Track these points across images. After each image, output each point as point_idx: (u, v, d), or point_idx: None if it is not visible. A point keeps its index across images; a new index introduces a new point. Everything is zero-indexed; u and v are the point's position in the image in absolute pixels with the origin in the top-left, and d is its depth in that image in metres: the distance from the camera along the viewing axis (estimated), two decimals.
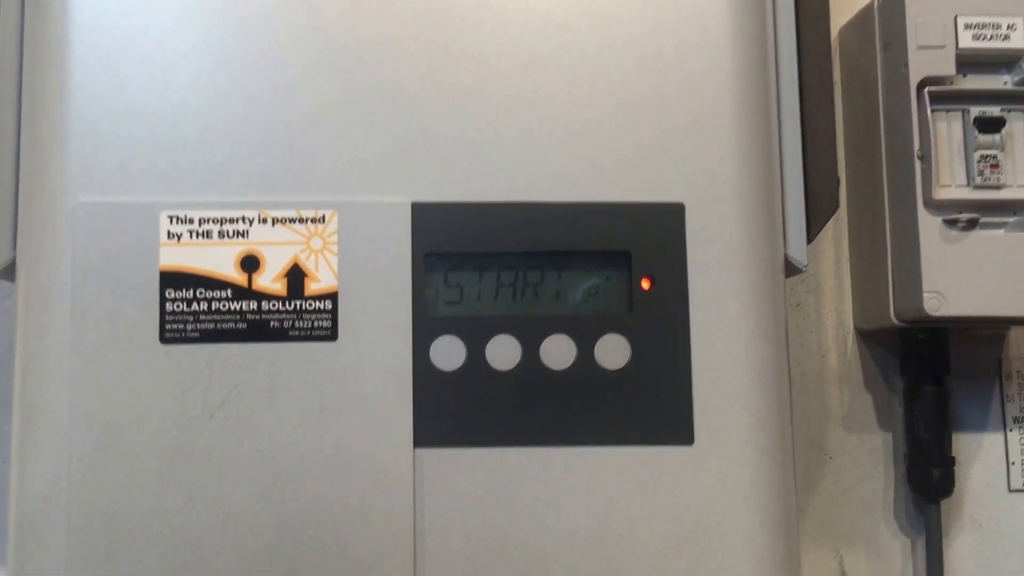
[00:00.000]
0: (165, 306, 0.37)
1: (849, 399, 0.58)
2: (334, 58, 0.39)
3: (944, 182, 0.53)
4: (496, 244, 0.39)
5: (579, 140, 0.39)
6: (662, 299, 0.39)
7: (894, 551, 0.57)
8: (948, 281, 0.51)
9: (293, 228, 0.38)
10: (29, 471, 0.37)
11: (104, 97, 0.38)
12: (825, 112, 0.44)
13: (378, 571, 0.36)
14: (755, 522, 0.38)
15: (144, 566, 0.36)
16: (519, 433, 0.38)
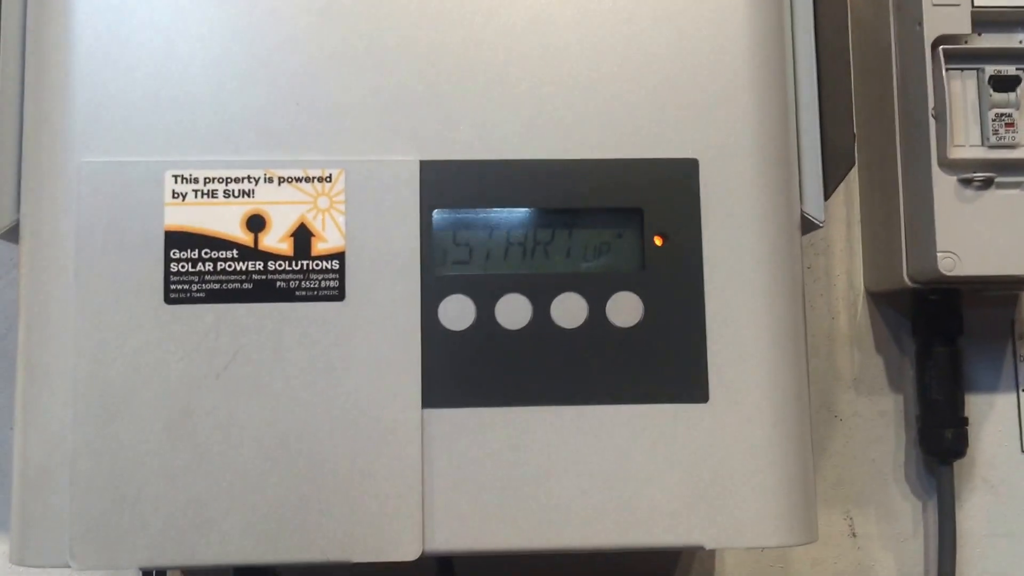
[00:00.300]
0: (170, 266, 0.37)
1: (859, 361, 0.58)
2: (341, 13, 0.38)
3: (959, 141, 0.52)
4: (506, 202, 0.38)
5: (590, 95, 0.38)
6: (675, 256, 0.38)
7: (905, 513, 0.57)
8: (962, 241, 0.51)
9: (299, 187, 0.37)
10: (33, 433, 0.37)
11: (108, 54, 0.37)
12: (841, 65, 0.43)
13: (386, 531, 0.36)
14: (772, 480, 0.37)
15: (150, 527, 0.36)
16: (529, 393, 0.37)
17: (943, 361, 0.55)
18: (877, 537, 0.57)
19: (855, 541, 0.57)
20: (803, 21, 0.42)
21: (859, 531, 0.57)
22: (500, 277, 0.38)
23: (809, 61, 0.42)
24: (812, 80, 0.41)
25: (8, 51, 0.39)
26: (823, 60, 0.42)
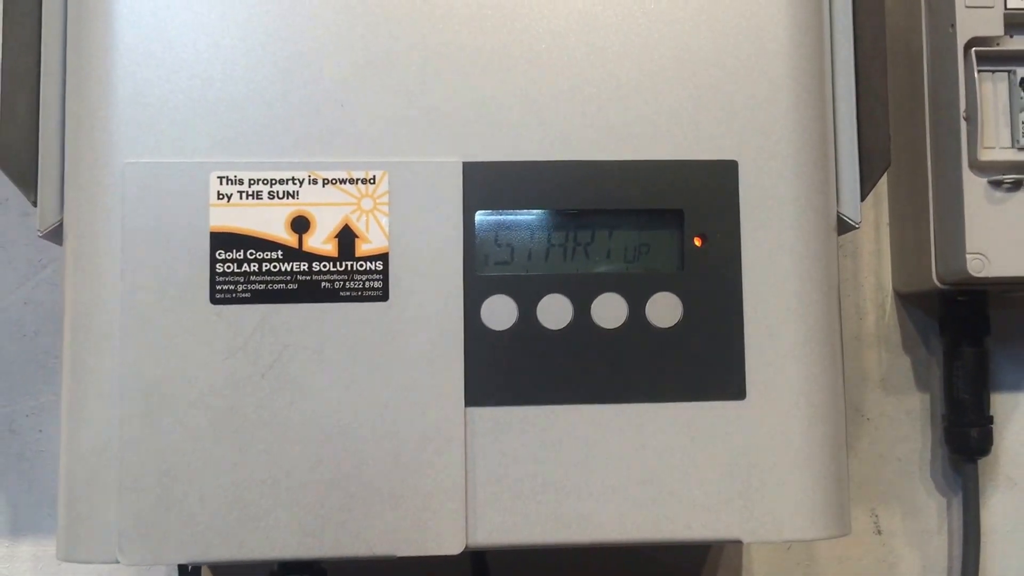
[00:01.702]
0: (215, 267, 0.37)
1: (887, 361, 0.58)
2: (385, 16, 0.38)
3: (989, 143, 0.52)
4: (547, 203, 0.38)
5: (631, 97, 0.39)
6: (714, 257, 0.38)
7: (930, 510, 0.57)
8: (991, 242, 0.51)
9: (343, 189, 0.38)
10: (80, 433, 0.37)
11: (152, 56, 0.38)
12: (878, 67, 0.43)
13: (430, 526, 0.36)
14: (807, 475, 0.38)
15: (197, 523, 0.36)
16: (571, 391, 0.37)
17: (970, 361, 0.56)
18: (902, 534, 0.57)
19: (880, 538, 0.57)
20: (842, 23, 0.42)
21: (884, 528, 0.57)
22: (541, 278, 0.38)
23: (847, 64, 0.42)
24: (850, 82, 0.42)
25: (50, 52, 0.40)
26: (860, 62, 0.42)
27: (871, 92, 0.42)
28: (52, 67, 0.40)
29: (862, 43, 0.42)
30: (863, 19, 0.42)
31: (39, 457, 0.55)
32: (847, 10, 0.42)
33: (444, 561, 0.38)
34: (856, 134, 0.42)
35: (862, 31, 0.42)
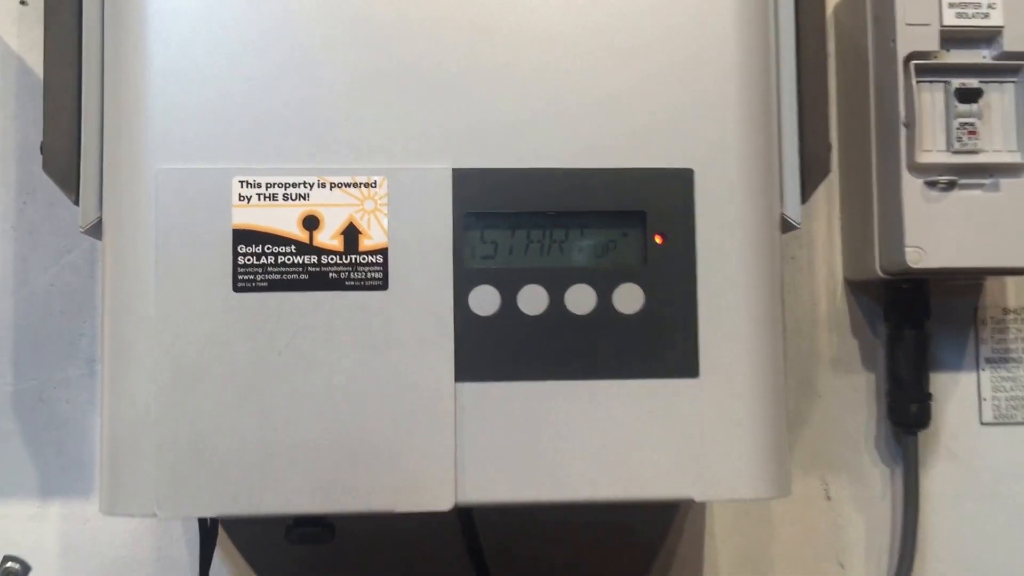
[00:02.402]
0: (237, 260, 0.43)
1: (837, 343, 0.64)
2: (386, 42, 0.44)
3: (926, 147, 0.58)
4: (526, 205, 0.44)
5: (600, 113, 0.44)
6: (673, 253, 0.44)
7: (875, 478, 0.64)
8: (928, 237, 0.57)
9: (348, 192, 0.43)
10: (120, 403, 0.43)
11: (181, 74, 0.43)
12: (819, 85, 0.49)
13: (424, 486, 0.42)
14: (752, 442, 0.44)
15: (224, 482, 0.42)
16: (547, 369, 0.43)
17: (911, 343, 0.62)
18: (849, 499, 0.64)
19: (830, 503, 0.63)
20: (786, 46, 0.48)
21: (833, 494, 0.64)
22: (521, 270, 0.44)
23: (791, 82, 0.47)
24: (793, 100, 0.47)
25: (89, 69, 0.45)
26: (803, 78, 0.48)
27: (813, 106, 0.48)
28: (91, 82, 0.45)
29: (805, 63, 0.48)
30: (806, 41, 0.48)
31: (66, 426, 0.61)
32: (790, 34, 0.47)
33: (437, 519, 0.44)
34: (798, 144, 0.47)
35: (805, 52, 0.48)
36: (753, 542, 0.63)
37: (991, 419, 0.64)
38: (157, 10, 0.43)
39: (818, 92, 0.48)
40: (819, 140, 0.48)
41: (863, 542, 0.63)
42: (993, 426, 0.64)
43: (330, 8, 0.44)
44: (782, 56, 0.48)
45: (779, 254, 0.46)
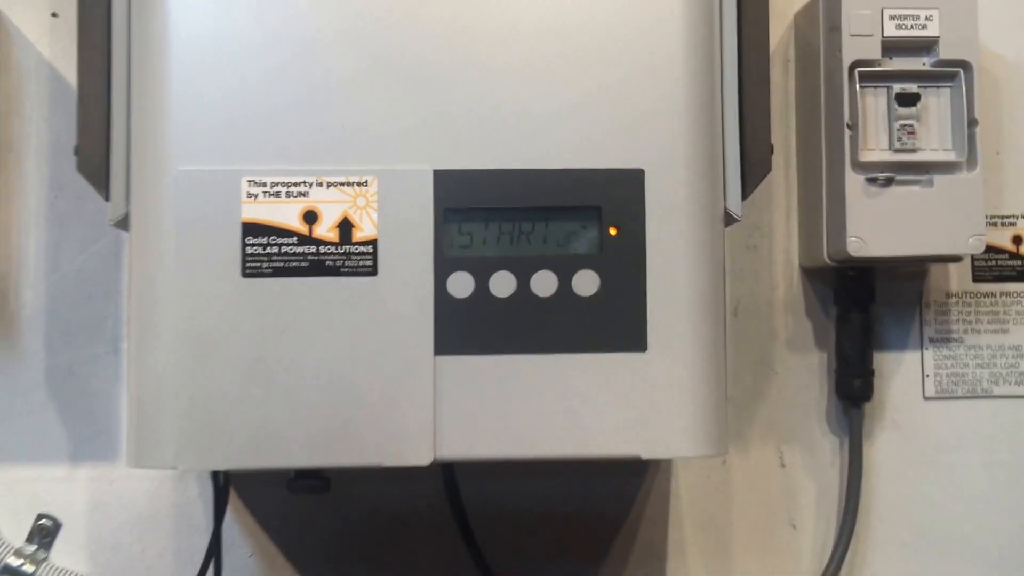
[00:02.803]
0: (246, 249, 0.49)
1: (792, 324, 0.70)
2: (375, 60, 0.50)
3: (870, 147, 0.64)
4: (498, 201, 0.50)
5: (562, 119, 0.50)
6: (625, 243, 0.50)
7: (825, 448, 0.70)
8: (868, 228, 0.63)
9: (343, 190, 0.50)
10: (143, 373, 0.49)
11: (198, 86, 0.49)
12: (760, 92, 0.55)
13: (407, 444, 0.49)
14: (692, 410, 0.50)
15: (234, 440, 0.48)
16: (514, 344, 0.50)
17: (856, 325, 0.68)
18: (801, 467, 0.70)
19: (784, 470, 0.70)
20: (730, 56, 0.54)
21: (787, 462, 0.70)
22: (493, 258, 0.50)
23: (733, 90, 0.53)
24: (735, 106, 0.53)
25: (117, 80, 0.52)
26: (745, 86, 0.54)
27: (754, 111, 0.54)
28: (119, 94, 0.51)
29: (747, 72, 0.54)
30: (748, 51, 0.54)
31: (94, 397, 0.67)
32: (733, 44, 0.53)
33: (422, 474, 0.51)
34: (740, 146, 0.53)
35: (747, 62, 0.54)
36: (714, 504, 0.69)
37: (933, 394, 0.70)
38: (176, 35, 0.50)
39: (759, 98, 0.54)
40: (760, 142, 0.55)
41: (813, 505, 0.70)
42: (935, 400, 0.70)
43: (327, 35, 0.50)
44: (726, 65, 0.54)
45: (722, 244, 0.52)
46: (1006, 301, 0.71)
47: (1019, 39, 0.71)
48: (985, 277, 0.71)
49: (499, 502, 0.67)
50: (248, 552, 0.67)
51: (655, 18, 0.51)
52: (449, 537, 0.65)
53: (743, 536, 0.69)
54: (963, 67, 0.64)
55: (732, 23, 0.54)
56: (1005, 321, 0.71)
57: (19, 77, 0.68)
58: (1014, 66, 0.71)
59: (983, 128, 0.68)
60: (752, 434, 0.70)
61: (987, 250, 0.70)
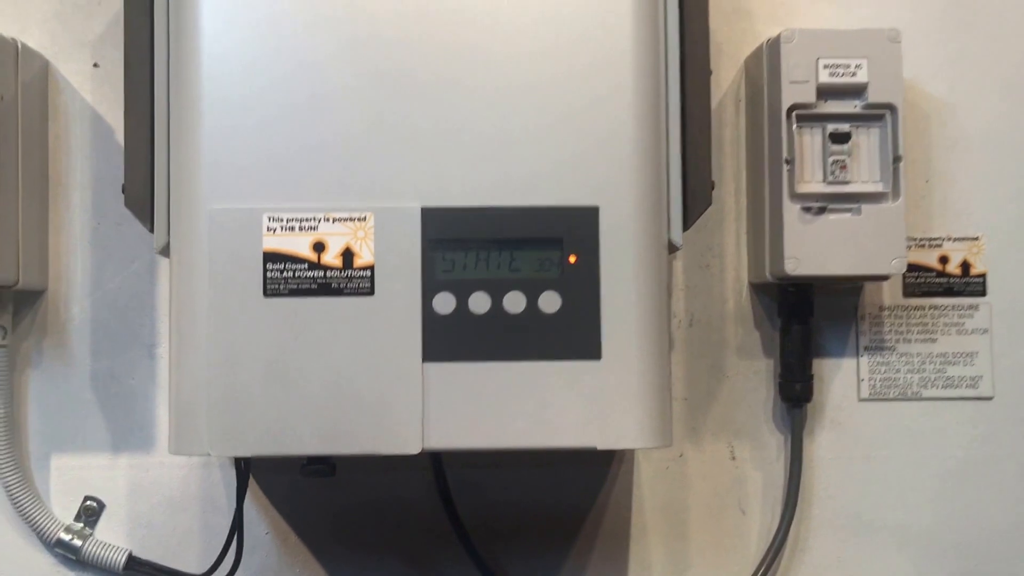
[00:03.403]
0: (266, 273, 0.59)
1: (742, 334, 0.80)
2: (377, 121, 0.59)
3: (806, 179, 0.74)
4: (476, 234, 0.60)
5: (528, 165, 0.60)
6: (583, 268, 0.60)
7: (771, 443, 0.79)
8: (803, 250, 0.72)
9: (346, 224, 0.59)
10: (182, 375, 0.59)
11: (227, 137, 0.59)
12: (702, 133, 0.64)
13: (399, 435, 0.58)
14: (640, 407, 0.59)
15: (258, 430, 0.58)
16: (489, 353, 0.59)
17: (797, 335, 0.77)
18: (750, 460, 0.79)
19: (734, 463, 0.79)
20: (674, 106, 0.63)
21: (737, 456, 0.79)
22: (471, 281, 0.60)
23: (676, 135, 0.63)
24: (678, 149, 0.63)
25: (159, 128, 0.62)
26: (688, 129, 0.64)
27: (696, 151, 0.64)
28: (160, 140, 0.61)
29: (690, 116, 0.63)
30: (691, 96, 0.63)
31: (131, 396, 0.78)
32: (677, 97, 0.63)
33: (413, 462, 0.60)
34: (682, 183, 0.63)
35: (690, 106, 0.63)
36: (672, 492, 0.79)
37: (867, 396, 0.80)
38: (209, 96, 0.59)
39: (701, 139, 0.64)
40: (701, 179, 0.64)
41: (760, 493, 0.79)
42: (869, 402, 0.80)
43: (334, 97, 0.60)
44: (671, 114, 0.63)
45: (665, 268, 0.62)
46: (934, 314, 0.80)
47: (945, 80, 0.81)
48: (915, 292, 0.80)
49: (482, 490, 0.77)
50: (264, 530, 0.77)
51: (608, 87, 0.61)
52: (437, 519, 0.75)
53: (698, 520, 0.79)
54: (889, 109, 0.73)
55: (676, 77, 0.64)
56: (933, 332, 0.80)
57: (65, 120, 0.78)
58: (941, 104, 0.81)
59: (913, 160, 0.78)
60: (706, 430, 0.79)
61: (916, 268, 0.80)
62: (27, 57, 0.75)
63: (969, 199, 0.80)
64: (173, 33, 0.62)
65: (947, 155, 0.81)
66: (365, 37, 0.60)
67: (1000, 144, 0.81)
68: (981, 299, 0.80)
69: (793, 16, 0.80)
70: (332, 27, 0.60)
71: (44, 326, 0.77)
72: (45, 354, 0.77)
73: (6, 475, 0.75)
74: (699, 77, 0.65)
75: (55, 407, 0.77)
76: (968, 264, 0.80)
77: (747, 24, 0.80)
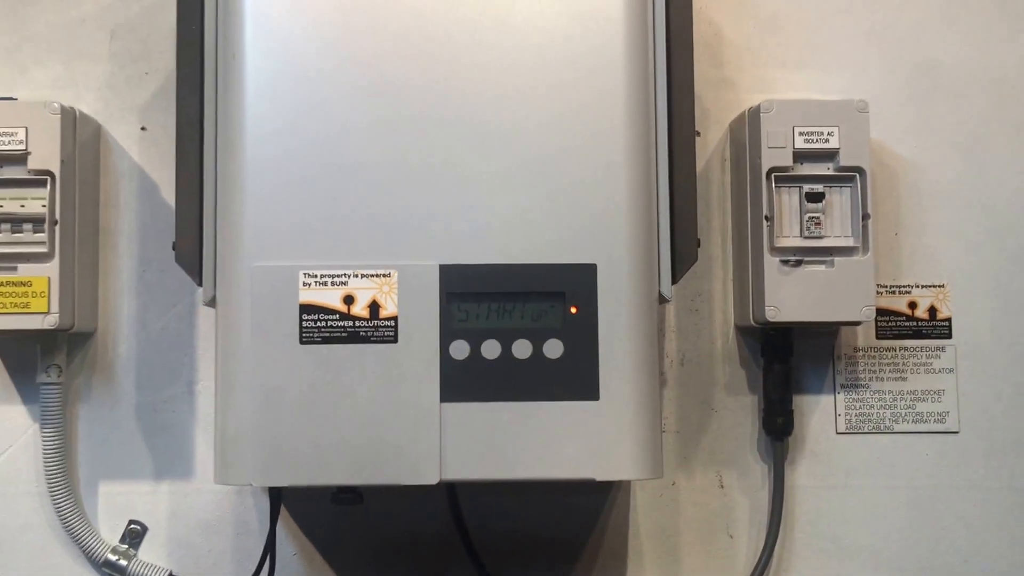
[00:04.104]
0: (302, 323, 0.67)
1: (729, 372, 0.87)
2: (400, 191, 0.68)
3: (784, 234, 0.81)
4: (488, 288, 0.68)
5: (536, 229, 0.68)
6: (583, 319, 0.68)
7: (756, 472, 0.87)
8: (781, 299, 0.80)
9: (372, 280, 0.67)
10: (227, 415, 0.67)
11: (267, 202, 0.67)
12: (688, 198, 0.72)
13: (419, 468, 0.66)
14: (634, 442, 0.67)
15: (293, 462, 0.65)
16: (499, 394, 0.67)
17: (778, 374, 0.85)
18: (737, 488, 0.87)
19: (723, 490, 0.87)
20: (664, 173, 0.71)
21: (725, 484, 0.87)
22: (483, 329, 0.67)
23: (666, 198, 0.71)
24: (667, 211, 0.71)
25: (207, 194, 0.70)
26: (676, 194, 0.72)
27: (683, 215, 0.72)
28: (209, 203, 0.70)
29: (677, 184, 0.71)
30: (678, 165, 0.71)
31: (172, 429, 0.85)
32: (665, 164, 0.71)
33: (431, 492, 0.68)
34: (671, 243, 0.71)
35: (678, 175, 0.71)
36: (666, 517, 0.86)
37: (844, 429, 0.87)
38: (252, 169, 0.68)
39: (687, 204, 0.72)
40: (688, 239, 0.72)
41: (747, 518, 0.86)
42: (845, 435, 0.87)
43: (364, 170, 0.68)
44: (660, 181, 0.71)
45: (655, 318, 0.70)
46: (904, 355, 0.88)
47: (911, 143, 0.89)
48: (886, 335, 0.88)
49: (493, 517, 0.85)
50: (293, 551, 0.85)
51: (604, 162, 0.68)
52: (452, 544, 0.82)
53: (689, 544, 0.86)
54: (858, 172, 0.81)
55: (665, 151, 0.72)
56: (904, 371, 0.88)
57: (115, 177, 0.86)
58: (909, 163, 0.89)
59: (884, 214, 0.85)
60: (696, 461, 0.87)
61: (887, 313, 0.88)
62: (83, 122, 0.83)
63: (935, 250, 0.88)
64: (221, 110, 0.70)
65: (915, 210, 0.88)
66: (393, 116, 0.68)
67: (962, 199, 0.88)
68: (947, 341, 0.88)
69: (773, 86, 0.88)
70: (363, 105, 0.68)
71: (94, 364, 0.85)
72: (94, 390, 0.85)
73: (59, 501, 0.83)
74: (685, 151, 0.73)
75: (103, 438, 0.85)
76: (935, 309, 0.88)
77: (732, 93, 0.88)
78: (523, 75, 0.69)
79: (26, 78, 0.87)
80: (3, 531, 0.84)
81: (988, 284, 0.88)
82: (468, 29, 0.69)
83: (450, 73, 0.69)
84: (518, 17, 0.69)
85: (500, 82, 0.69)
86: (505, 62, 0.69)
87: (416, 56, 0.69)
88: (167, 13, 0.83)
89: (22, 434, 0.85)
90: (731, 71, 0.89)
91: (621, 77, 0.69)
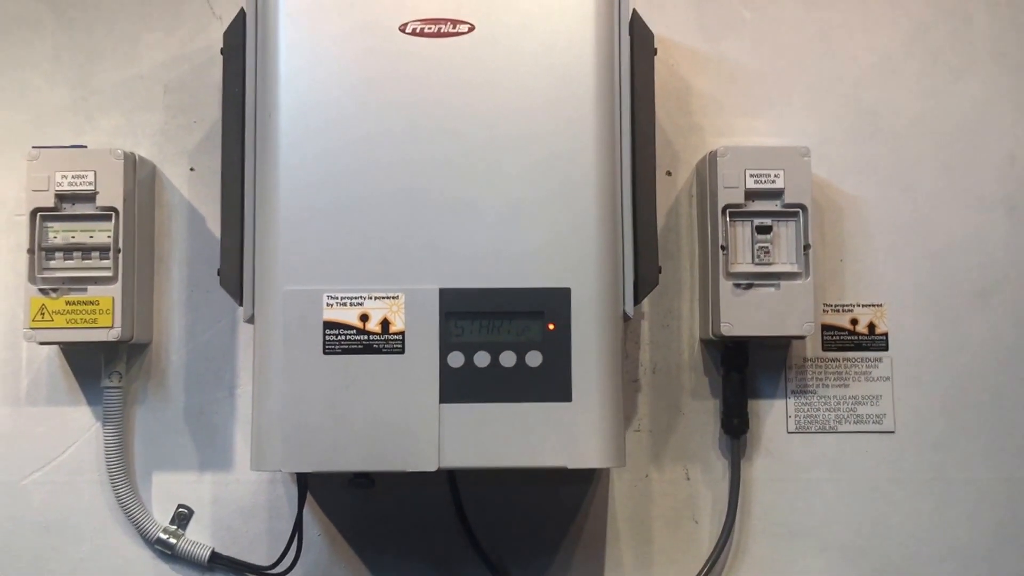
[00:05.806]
0: (325, 337, 0.81)
1: (695, 380, 1.00)
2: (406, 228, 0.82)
3: (738, 261, 0.95)
4: (479, 307, 0.81)
5: (519, 258, 0.81)
6: (559, 334, 0.81)
7: (718, 467, 0.99)
8: (735, 316, 0.93)
9: (384, 301, 0.81)
10: (262, 410, 0.81)
11: (296, 236, 0.81)
12: (650, 234, 0.86)
13: (420, 457, 0.80)
14: (600, 437, 0.80)
15: (316, 451, 0.80)
16: (489, 396, 0.80)
17: (735, 381, 0.98)
18: (702, 480, 1.00)
19: (689, 482, 1.00)
20: (627, 207, 0.85)
21: (691, 477, 1.00)
22: (475, 342, 0.81)
23: (630, 228, 0.84)
24: (631, 237, 0.84)
25: (247, 224, 0.84)
26: (639, 231, 0.85)
27: (645, 242, 0.85)
28: (248, 237, 0.84)
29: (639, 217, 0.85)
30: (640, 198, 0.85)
31: (215, 427, 0.99)
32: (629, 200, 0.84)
33: (433, 478, 0.82)
34: (634, 267, 0.84)
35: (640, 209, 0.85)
36: (640, 505, 0.99)
37: (794, 429, 1.00)
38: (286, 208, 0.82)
39: (648, 236, 0.86)
40: (649, 264, 0.86)
41: (710, 507, 0.99)
42: (795, 434, 1.00)
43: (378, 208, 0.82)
44: (625, 216, 0.85)
45: (620, 334, 0.83)
46: (847, 364, 1.01)
47: (854, 180, 1.01)
48: (831, 347, 1.01)
49: (488, 502, 0.98)
50: (318, 532, 0.99)
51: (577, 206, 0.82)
52: (452, 526, 0.96)
53: (659, 528, 0.99)
54: (801, 208, 0.94)
55: (629, 192, 0.85)
56: (846, 379, 1.00)
57: (168, 211, 1.01)
58: (849, 198, 1.01)
59: (830, 242, 0.98)
60: (666, 457, 1.00)
61: (832, 328, 1.00)
62: (141, 165, 0.98)
63: (874, 274, 1.01)
64: (259, 156, 0.84)
65: (857, 239, 1.01)
66: (398, 171, 0.82)
67: (899, 230, 1.01)
68: (884, 353, 1.00)
69: (733, 131, 1.01)
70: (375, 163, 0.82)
71: (148, 371, 1.00)
72: (149, 393, 1.00)
73: (118, 487, 0.97)
74: (647, 190, 0.86)
75: (155, 435, 0.99)
76: (874, 325, 1.00)
77: (699, 137, 1.02)
78: (510, 128, 0.83)
79: (92, 125, 1.02)
80: (70, 513, 0.98)
81: (921, 303, 1.01)
82: (464, 90, 0.83)
83: (449, 127, 0.83)
84: (504, 80, 0.83)
85: (492, 136, 0.83)
86: (496, 117, 0.83)
87: (419, 120, 0.83)
88: (213, 71, 0.98)
89: (87, 431, 0.99)
90: (699, 118, 1.02)
91: (591, 132, 0.83)
